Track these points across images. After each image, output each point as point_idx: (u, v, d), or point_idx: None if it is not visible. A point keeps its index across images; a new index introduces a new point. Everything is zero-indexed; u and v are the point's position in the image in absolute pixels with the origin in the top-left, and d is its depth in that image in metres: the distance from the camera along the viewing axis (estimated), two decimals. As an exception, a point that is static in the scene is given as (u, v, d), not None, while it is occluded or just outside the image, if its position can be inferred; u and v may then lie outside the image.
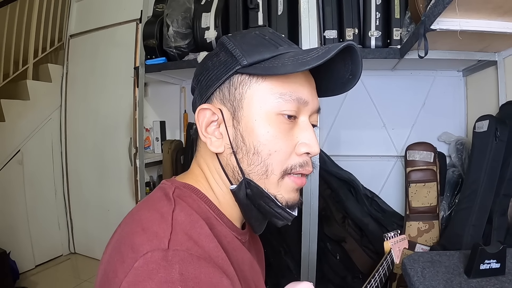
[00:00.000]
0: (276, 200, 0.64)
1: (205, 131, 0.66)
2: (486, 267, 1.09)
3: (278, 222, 0.68)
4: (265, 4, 1.97)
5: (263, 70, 0.60)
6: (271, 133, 0.62)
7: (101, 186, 3.34)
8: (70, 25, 3.52)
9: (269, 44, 0.64)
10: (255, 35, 0.67)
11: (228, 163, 0.65)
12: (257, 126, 0.62)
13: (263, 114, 0.62)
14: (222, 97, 0.65)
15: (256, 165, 0.63)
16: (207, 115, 0.65)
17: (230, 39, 0.66)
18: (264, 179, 0.63)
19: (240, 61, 0.62)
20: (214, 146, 0.65)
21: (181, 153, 2.45)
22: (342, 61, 0.64)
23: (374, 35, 1.85)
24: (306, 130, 0.65)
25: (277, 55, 0.62)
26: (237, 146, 0.64)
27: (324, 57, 0.55)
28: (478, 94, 2.07)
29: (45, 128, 3.39)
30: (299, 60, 0.58)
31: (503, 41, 1.53)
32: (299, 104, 0.63)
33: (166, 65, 2.18)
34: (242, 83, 0.63)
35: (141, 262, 0.49)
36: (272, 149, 0.62)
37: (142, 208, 0.61)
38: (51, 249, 3.42)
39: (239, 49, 0.63)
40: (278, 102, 0.62)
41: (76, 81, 3.45)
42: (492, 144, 1.48)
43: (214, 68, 0.66)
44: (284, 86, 0.62)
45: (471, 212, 1.53)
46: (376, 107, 2.30)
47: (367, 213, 2.04)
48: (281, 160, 0.63)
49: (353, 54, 0.62)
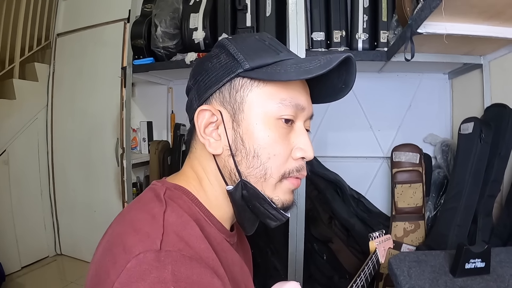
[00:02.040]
0: (272, 202, 0.65)
1: (204, 132, 0.66)
2: (471, 266, 1.11)
3: (271, 223, 0.69)
4: (253, 5, 1.98)
5: (265, 75, 0.61)
6: (271, 137, 0.63)
7: (87, 187, 3.31)
8: (58, 24, 3.47)
9: (269, 50, 0.65)
10: (256, 40, 0.68)
11: (226, 165, 0.66)
12: (257, 129, 0.63)
13: (264, 118, 0.63)
14: (222, 99, 0.65)
15: (255, 168, 0.64)
16: (206, 116, 0.66)
17: (231, 42, 0.67)
18: (262, 182, 0.64)
19: (242, 64, 0.63)
20: (212, 147, 0.65)
21: (168, 154, 2.44)
22: (337, 71, 0.66)
23: (361, 38, 1.86)
24: (302, 135, 0.67)
25: (279, 61, 0.63)
26: (236, 149, 0.64)
27: (326, 67, 0.57)
28: (463, 97, 2.10)
29: (31, 127, 3.35)
30: (302, 68, 0.59)
31: (488, 44, 1.56)
32: (297, 110, 0.65)
33: (154, 65, 2.18)
34: (244, 87, 0.64)
35: (133, 263, 0.49)
36: (272, 152, 0.63)
37: (133, 209, 0.62)
38: (37, 251, 3.37)
39: (241, 52, 0.64)
40: (278, 107, 0.63)
41: (63, 80, 3.41)
42: (477, 145, 1.51)
43: (214, 70, 0.66)
44: (284, 91, 0.64)
45: (456, 213, 1.55)
46: (362, 108, 2.32)
47: (354, 213, 2.06)
48: (280, 164, 0.64)
49: (349, 65, 0.64)
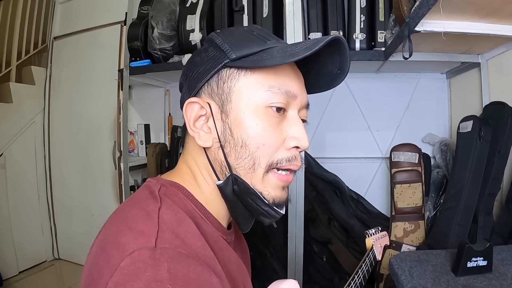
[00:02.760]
0: (262, 197, 0.64)
1: (193, 126, 0.65)
2: (473, 265, 1.11)
3: (265, 220, 0.67)
4: (250, 6, 1.97)
5: (251, 63, 0.60)
6: (259, 126, 0.62)
7: (85, 190, 3.29)
8: (54, 27, 3.46)
9: (257, 39, 0.64)
10: (244, 31, 0.67)
11: (216, 158, 0.65)
12: (245, 118, 0.62)
13: (252, 106, 0.62)
14: (210, 91, 0.65)
15: (243, 159, 0.62)
16: (195, 109, 0.65)
17: (218, 35, 0.66)
18: (251, 173, 0.63)
19: (228, 55, 0.62)
20: (202, 140, 0.64)
21: (166, 156, 2.43)
22: (330, 56, 0.65)
23: (359, 38, 1.86)
24: (295, 124, 0.65)
25: (266, 49, 0.62)
26: (225, 140, 0.63)
27: (312, 49, 0.55)
28: (461, 96, 2.10)
29: (28, 131, 3.33)
30: (287, 52, 0.58)
31: (486, 42, 1.56)
32: (288, 97, 0.63)
33: (151, 67, 2.16)
34: (231, 77, 0.63)
35: (127, 261, 0.47)
36: (260, 142, 0.62)
37: (127, 207, 0.60)
38: (35, 255, 3.35)
39: (228, 43, 0.63)
40: (267, 95, 0.62)
41: (60, 83, 3.39)
42: (477, 144, 1.50)
43: (202, 63, 0.66)
44: (272, 78, 0.62)
45: (457, 212, 1.54)
46: (360, 109, 2.31)
47: (353, 214, 2.05)
48: (269, 154, 0.63)
49: (341, 48, 0.62)
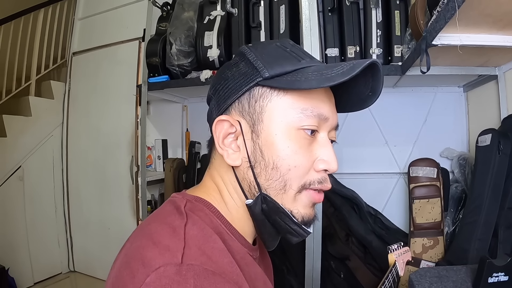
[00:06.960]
0: (292, 216, 0.63)
1: (222, 143, 0.64)
2: (494, 280, 1.08)
3: (292, 239, 0.66)
4: (267, 22, 2.00)
5: (286, 84, 0.59)
6: (291, 148, 0.61)
7: (101, 204, 3.31)
8: (73, 43, 3.53)
9: (290, 57, 0.63)
10: (276, 47, 0.66)
11: (245, 177, 0.64)
12: (277, 140, 0.61)
13: (284, 128, 0.61)
14: (241, 109, 0.64)
15: (274, 180, 0.61)
16: (225, 126, 0.64)
17: (251, 50, 0.65)
18: (281, 194, 0.62)
19: (261, 73, 0.61)
20: (231, 159, 0.64)
21: (183, 172, 2.45)
22: (363, 78, 0.63)
23: (376, 53, 1.86)
24: (325, 147, 0.65)
25: (300, 69, 0.61)
26: (255, 160, 0.62)
27: (349, 74, 0.54)
28: (479, 109, 2.07)
29: (47, 144, 3.38)
30: (323, 75, 0.57)
31: (503, 55, 1.54)
32: (319, 120, 0.62)
33: (169, 83, 2.19)
34: (263, 96, 0.62)
35: (153, 277, 0.47)
36: (292, 164, 0.61)
37: (152, 222, 0.60)
38: (50, 267, 3.36)
39: (261, 60, 0.62)
40: (299, 117, 0.61)
41: (78, 98, 3.45)
42: (496, 157, 1.48)
43: (233, 79, 0.64)
44: (306, 101, 0.61)
45: (476, 226, 1.51)
46: (378, 124, 2.30)
47: (371, 230, 2.02)
48: (300, 176, 0.62)
49: (375, 71, 0.61)
